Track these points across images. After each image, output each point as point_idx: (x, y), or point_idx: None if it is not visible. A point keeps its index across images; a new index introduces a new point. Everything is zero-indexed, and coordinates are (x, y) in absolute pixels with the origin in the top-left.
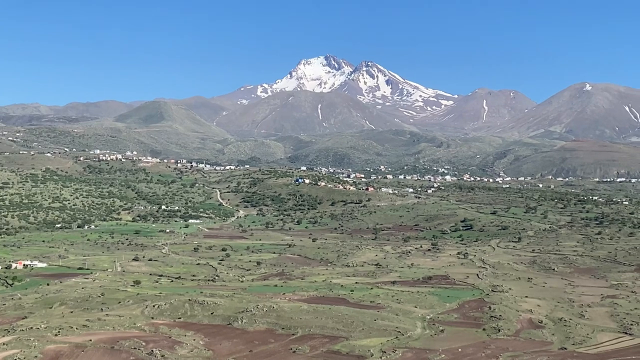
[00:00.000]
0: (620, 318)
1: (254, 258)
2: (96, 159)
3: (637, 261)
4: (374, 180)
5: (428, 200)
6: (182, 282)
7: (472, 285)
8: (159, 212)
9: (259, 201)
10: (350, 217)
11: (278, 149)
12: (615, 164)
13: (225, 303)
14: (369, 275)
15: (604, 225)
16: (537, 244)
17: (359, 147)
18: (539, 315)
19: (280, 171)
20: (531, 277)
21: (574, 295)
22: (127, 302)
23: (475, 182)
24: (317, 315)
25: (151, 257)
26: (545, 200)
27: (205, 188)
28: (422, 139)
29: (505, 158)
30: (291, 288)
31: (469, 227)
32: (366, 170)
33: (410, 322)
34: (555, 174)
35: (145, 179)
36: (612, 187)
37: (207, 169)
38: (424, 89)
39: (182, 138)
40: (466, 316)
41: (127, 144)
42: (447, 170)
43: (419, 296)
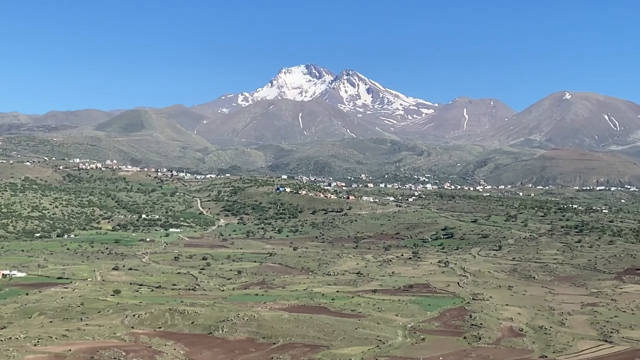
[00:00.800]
0: (600, 326)
1: (234, 267)
2: (76, 168)
3: (617, 269)
4: (355, 188)
5: (409, 209)
6: (163, 292)
7: (453, 294)
8: (139, 221)
9: (240, 210)
10: (331, 225)
11: (259, 158)
12: (594, 172)
13: (206, 312)
14: (350, 283)
15: (584, 233)
16: (518, 252)
17: (340, 156)
18: (519, 323)
19: (261, 180)
20: (512, 285)
21: (555, 303)
22: (107, 311)
23: (456, 191)
24: (298, 324)
25: (131, 266)
26: (525, 209)
27: (186, 197)
28: (403, 147)
29: (486, 166)
30: (272, 297)
31: (450, 236)
32: (347, 178)
33: (391, 330)
34: (536, 183)
35: (125, 188)
36: (591, 196)
37: (188, 177)
38: (405, 97)
39: (163, 147)
40: (447, 324)
41: (107, 152)
42: (427, 179)
43: (400, 305)
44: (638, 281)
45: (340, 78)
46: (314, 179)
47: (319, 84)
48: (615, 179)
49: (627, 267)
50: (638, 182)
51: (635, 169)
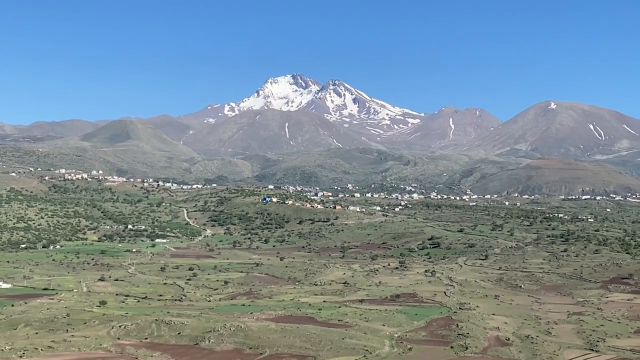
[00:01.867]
0: (586, 335)
1: (221, 277)
2: (62, 179)
3: (603, 278)
4: (342, 198)
5: (395, 219)
6: (149, 302)
7: (440, 303)
8: (125, 231)
9: (226, 220)
10: (318, 235)
11: (245, 168)
12: (580, 181)
13: (193, 323)
14: (337, 293)
15: (570, 242)
16: (504, 261)
17: (327, 166)
18: (506, 332)
19: (247, 190)
20: (498, 294)
21: (541, 312)
22: (93, 322)
23: (442, 200)
24: (285, 334)
25: (117, 277)
26: (511, 218)
27: (172, 207)
28: (389, 157)
29: (472, 176)
30: (259, 307)
31: (437, 245)
32: (334, 188)
33: (378, 340)
34: (521, 192)
35: (111, 199)
36: (577, 205)
37: (174, 188)
38: (391, 107)
39: (149, 157)
40: (434, 334)
41: (93, 163)
42: (414, 188)
43: (386, 314)
44: (624, 290)
45: (326, 88)
46: (301, 189)
47: (305, 94)
48: (601, 188)
49: (613, 276)
50: (623, 191)
51: (621, 178)
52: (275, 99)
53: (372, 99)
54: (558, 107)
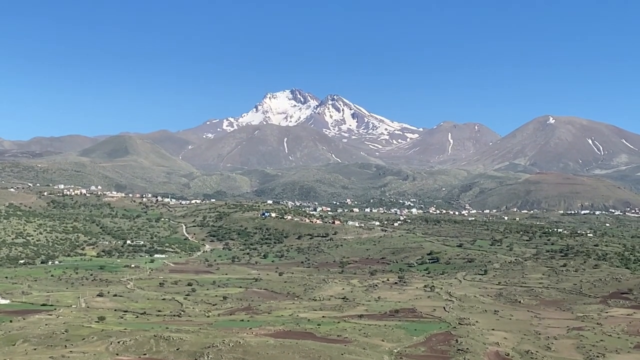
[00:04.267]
0: (586, 350)
1: (220, 292)
2: (60, 194)
3: (602, 293)
4: (341, 213)
5: (394, 234)
6: (148, 318)
7: (439, 318)
8: (124, 247)
9: (225, 235)
10: (316, 250)
11: (244, 183)
12: (579, 196)
13: (191, 338)
14: (336, 309)
15: (569, 257)
16: (503, 276)
17: (325, 181)
18: (505, 347)
19: (246, 205)
20: (497, 309)
21: (540, 327)
22: (91, 338)
23: (441, 215)
24: (284, 350)
25: (116, 292)
26: (510, 233)
27: (171, 222)
28: (388, 172)
29: (471, 191)
30: (258, 323)
31: (436, 260)
32: (332, 203)
33: (377, 356)
34: (520, 207)
35: (110, 214)
36: (576, 220)
37: (173, 203)
38: (390, 122)
39: (148, 172)
40: (433, 349)
41: (92, 178)
42: (413, 203)
43: (386, 330)
44: (623, 305)
45: (325, 103)
46: (300, 204)
47: (304, 109)
48: (600, 203)
49: (613, 290)
50: (622, 206)
51: (619, 193)
52: (274, 114)
53: (370, 114)
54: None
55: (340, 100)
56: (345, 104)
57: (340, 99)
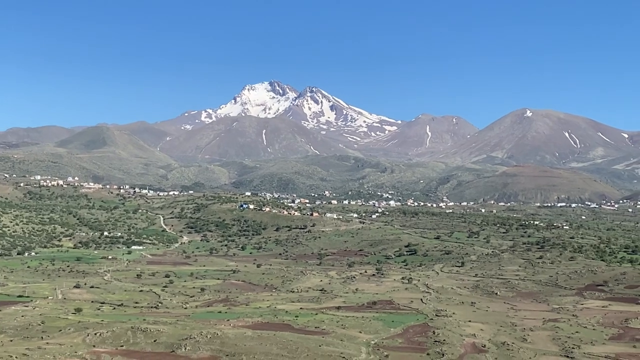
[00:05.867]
0: (561, 341)
1: (197, 284)
2: (37, 185)
3: (578, 285)
4: (319, 205)
5: (372, 226)
6: (125, 310)
7: (416, 310)
8: (101, 238)
9: (203, 227)
10: (295, 242)
11: (222, 175)
12: (555, 189)
13: (169, 330)
14: (314, 300)
15: (545, 249)
16: (480, 268)
17: (304, 173)
18: (482, 339)
19: (224, 197)
20: (474, 301)
21: (517, 319)
22: (68, 330)
23: (419, 207)
24: (261, 341)
25: (93, 284)
26: (487, 225)
27: (149, 214)
28: (366, 164)
29: (449, 183)
30: (235, 314)
31: (413, 252)
32: (311, 195)
33: (354, 347)
34: (497, 199)
35: (87, 205)
36: (552, 212)
37: (151, 194)
38: (368, 114)
39: (125, 163)
40: (410, 341)
41: (69, 169)
42: (391, 196)
43: (363, 321)
44: (599, 297)
45: (303, 95)
46: (278, 195)
47: (283, 100)
48: (576, 195)
49: (588, 283)
50: (598, 199)
51: (596, 185)
52: (253, 106)
53: (349, 106)
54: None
55: (319, 92)
56: (324, 96)
57: (319, 91)
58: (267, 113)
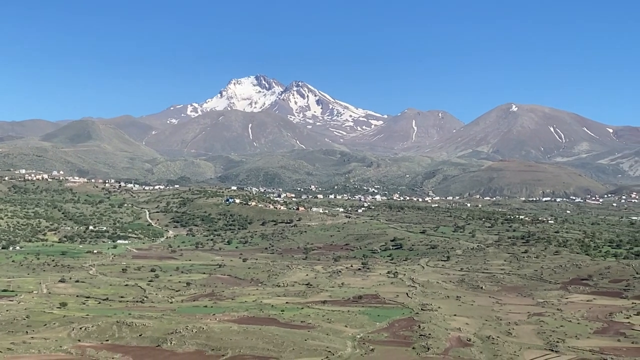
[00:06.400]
0: (546, 335)
1: (183, 279)
2: (21, 179)
3: (563, 279)
4: (305, 199)
5: (358, 220)
6: (110, 304)
7: (402, 304)
8: (86, 232)
9: (189, 221)
10: (280, 236)
11: (208, 169)
12: (540, 183)
13: (154, 324)
14: (300, 295)
15: (530, 243)
16: (466, 262)
17: (290, 167)
18: (467, 333)
19: (210, 191)
20: (460, 295)
21: (502, 313)
22: (53, 324)
23: (405, 202)
24: (247, 335)
25: (78, 278)
26: (473, 220)
27: (134, 208)
28: (352, 158)
29: (434, 178)
30: (221, 309)
31: (399, 246)
32: (297, 189)
33: (340, 341)
34: (483, 194)
35: (72, 199)
36: (537, 206)
37: (136, 188)
38: (354, 109)
39: (111, 158)
40: (396, 335)
41: (54, 163)
42: (377, 190)
43: (349, 315)
44: (583, 291)
45: (290, 89)
46: (264, 190)
47: (269, 95)
48: (561, 190)
49: (573, 277)
50: (583, 193)
51: (580, 180)
52: (239, 100)
53: (335, 101)
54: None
55: (305, 86)
56: (310, 90)
57: (305, 85)
58: (253, 107)
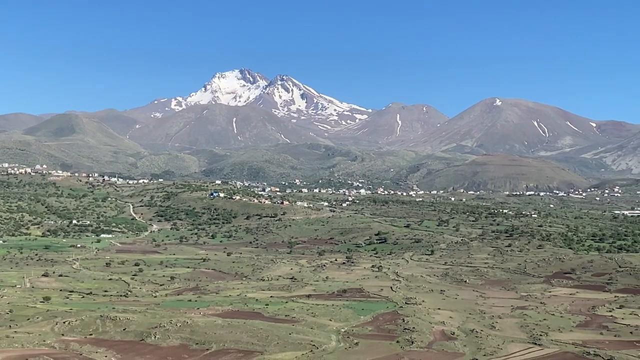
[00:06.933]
0: (529, 329)
1: (167, 273)
2: (4, 173)
3: (546, 273)
4: (289, 194)
5: (343, 214)
6: (94, 298)
7: (386, 298)
8: (69, 226)
9: (173, 215)
10: (265, 230)
11: (192, 163)
12: (524, 177)
13: (138, 319)
14: (284, 289)
15: (514, 237)
16: (450, 256)
17: (274, 161)
18: (451, 326)
19: (194, 185)
20: (444, 289)
21: (485, 306)
22: (36, 318)
23: (389, 196)
24: (231, 329)
25: (61, 272)
26: (457, 214)
27: (118, 202)
28: (336, 152)
29: (419, 172)
30: (205, 303)
31: (383, 241)
32: (281, 184)
33: (325, 335)
34: (467, 188)
35: (55, 193)
36: (521, 201)
37: (120, 182)
38: (339, 103)
39: (94, 151)
40: (380, 329)
41: (37, 157)
42: (361, 184)
43: (333, 309)
44: (566, 285)
45: (274, 83)
46: (248, 184)
47: (253, 89)
48: (544, 184)
49: (556, 270)
50: (566, 187)
51: (564, 174)
52: (223, 94)
53: (320, 95)
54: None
55: (290, 80)
56: (294, 84)
57: (290, 79)
58: (238, 101)
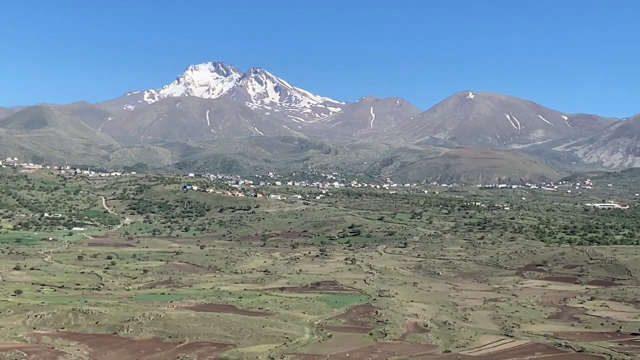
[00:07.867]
0: (501, 321)
1: (140, 266)
2: None
3: (518, 265)
4: (263, 186)
5: (316, 207)
6: (66, 291)
7: (360, 291)
8: (41, 219)
9: (146, 208)
10: (238, 223)
11: (165, 155)
12: (496, 170)
13: (111, 312)
14: (258, 281)
15: (487, 230)
16: (423, 249)
17: (248, 154)
18: (424, 319)
19: (167, 178)
20: (417, 281)
21: (458, 299)
22: (7, 312)
23: (363, 189)
24: (205, 322)
25: (33, 265)
26: (430, 206)
27: (90, 195)
28: (310, 145)
29: (392, 164)
30: (179, 296)
31: (357, 233)
32: (255, 176)
33: (298, 328)
34: (440, 180)
35: (26, 186)
36: (493, 193)
37: (92, 175)
38: (312, 95)
39: (66, 144)
40: (354, 321)
41: (8, 149)
42: (335, 177)
43: (307, 302)
44: (538, 277)
45: (247, 76)
46: (222, 177)
47: (227, 81)
48: (517, 177)
49: (528, 263)
50: (538, 180)
51: (536, 167)
52: (196, 86)
53: (293, 87)
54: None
55: (263, 73)
56: (268, 77)
57: (263, 72)
58: (211, 94)
